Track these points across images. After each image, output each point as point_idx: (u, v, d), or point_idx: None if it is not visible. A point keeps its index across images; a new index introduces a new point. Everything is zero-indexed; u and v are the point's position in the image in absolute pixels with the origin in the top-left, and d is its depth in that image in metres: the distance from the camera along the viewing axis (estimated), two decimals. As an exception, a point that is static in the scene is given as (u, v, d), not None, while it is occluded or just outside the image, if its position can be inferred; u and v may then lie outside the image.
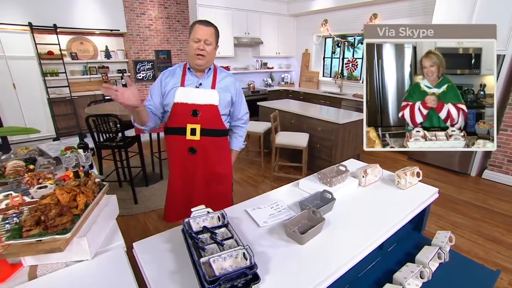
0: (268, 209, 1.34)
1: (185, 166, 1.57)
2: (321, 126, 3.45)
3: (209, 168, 1.59)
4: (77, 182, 1.15)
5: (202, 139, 1.51)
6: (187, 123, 1.49)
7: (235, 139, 1.71)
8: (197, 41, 1.41)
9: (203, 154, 1.54)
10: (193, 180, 1.59)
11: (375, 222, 1.26)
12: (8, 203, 1.24)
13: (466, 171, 3.59)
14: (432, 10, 3.65)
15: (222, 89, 1.53)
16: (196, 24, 1.43)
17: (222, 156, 1.64)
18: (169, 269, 0.97)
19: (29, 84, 4.83)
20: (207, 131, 1.51)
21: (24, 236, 0.89)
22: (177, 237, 1.13)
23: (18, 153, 1.93)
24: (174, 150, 1.58)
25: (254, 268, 0.88)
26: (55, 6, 4.87)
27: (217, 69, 1.57)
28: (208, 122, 1.51)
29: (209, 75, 1.53)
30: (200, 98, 1.48)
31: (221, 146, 1.62)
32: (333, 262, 1.03)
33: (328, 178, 1.48)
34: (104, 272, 0.95)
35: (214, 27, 1.46)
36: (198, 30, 1.41)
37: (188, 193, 1.62)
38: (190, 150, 1.53)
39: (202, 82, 1.51)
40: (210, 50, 1.45)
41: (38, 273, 0.94)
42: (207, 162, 1.57)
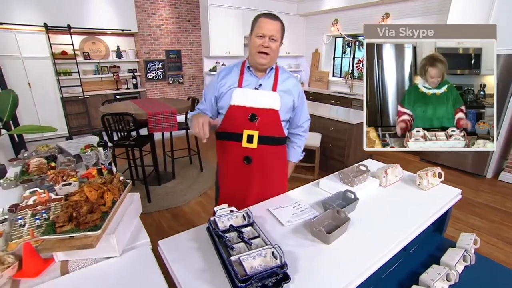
0: (290, 208, 1.33)
1: (239, 178, 1.42)
2: (334, 126, 3.43)
3: (265, 180, 1.44)
4: (103, 180, 1.16)
5: (259, 147, 1.36)
6: (244, 128, 1.34)
7: (293, 149, 1.56)
8: (262, 36, 1.25)
9: (259, 164, 1.40)
10: (246, 192, 1.44)
11: (399, 223, 1.25)
12: (36, 199, 1.27)
13: (482, 173, 3.52)
14: (447, 9, 3.60)
15: (284, 92, 1.37)
16: (260, 18, 1.27)
17: (280, 167, 1.50)
18: (197, 267, 0.97)
19: (43, 84, 4.92)
20: (265, 138, 1.36)
21: (57, 232, 0.90)
22: (202, 235, 1.13)
23: (39, 150, 1.96)
24: (227, 158, 1.43)
25: (285, 267, 0.88)
26: (69, 7, 4.95)
27: (279, 69, 1.41)
28: (267, 129, 1.36)
29: (270, 76, 1.37)
30: (260, 101, 1.33)
31: (279, 156, 1.48)
32: (360, 262, 1.02)
33: (350, 178, 1.46)
34: (133, 269, 0.96)
35: (280, 21, 1.30)
36: (264, 24, 1.24)
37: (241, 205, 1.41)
38: (246, 159, 1.38)
39: (262, 83, 1.36)
40: (275, 47, 1.29)
41: (70, 269, 0.95)
42: (264, 173, 1.42)
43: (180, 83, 6.56)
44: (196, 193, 3.14)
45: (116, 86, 5.87)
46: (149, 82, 6.18)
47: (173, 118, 2.92)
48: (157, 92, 6.35)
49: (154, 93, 6.31)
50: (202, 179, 3.50)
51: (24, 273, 0.90)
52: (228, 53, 5.42)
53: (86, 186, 1.05)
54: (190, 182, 3.41)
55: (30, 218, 1.14)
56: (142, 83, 6.20)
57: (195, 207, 2.89)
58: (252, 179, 1.42)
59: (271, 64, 1.35)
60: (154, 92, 6.30)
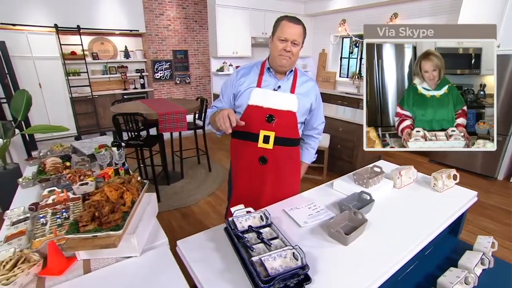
0: (306, 209, 1.33)
1: (253, 177, 1.44)
2: (342, 127, 3.42)
3: (279, 181, 1.45)
4: (121, 180, 1.17)
5: (275, 148, 1.37)
6: (261, 129, 1.35)
7: (307, 150, 1.58)
8: (284, 40, 1.26)
9: (274, 165, 1.41)
10: (259, 192, 1.45)
11: (415, 225, 1.24)
12: (55, 198, 1.29)
13: (493, 175, 3.48)
14: (458, 9, 3.56)
15: (302, 95, 1.39)
16: (283, 21, 1.26)
17: (293, 168, 1.51)
18: (217, 267, 0.97)
19: (53, 84, 4.99)
20: (281, 139, 1.37)
21: (81, 231, 0.92)
22: (219, 236, 1.14)
23: (53, 150, 1.99)
24: (242, 157, 1.44)
25: (306, 268, 0.88)
26: (79, 8, 5.01)
27: (298, 71, 1.42)
28: (283, 130, 1.37)
29: (289, 78, 1.39)
30: (278, 102, 1.34)
31: (293, 156, 1.49)
32: (379, 264, 1.01)
33: (365, 179, 1.46)
34: (153, 269, 0.97)
35: (303, 25, 1.30)
36: (287, 28, 1.25)
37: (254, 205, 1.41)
38: (261, 159, 1.39)
39: (281, 85, 1.37)
40: (297, 51, 1.30)
41: (92, 267, 0.96)
42: (277, 174, 1.44)
43: (187, 83, 6.59)
44: (204, 193, 3.16)
45: (124, 86, 5.93)
46: (156, 82, 6.22)
47: (183, 118, 2.93)
48: (164, 92, 6.38)
49: (161, 93, 6.35)
50: (211, 179, 3.52)
51: (49, 271, 0.91)
52: (236, 53, 5.43)
53: (107, 186, 1.07)
54: (199, 182, 3.43)
55: (51, 216, 1.15)
56: (150, 83, 6.24)
57: (204, 207, 2.91)
58: (266, 179, 1.43)
59: (291, 67, 1.36)
60: (161, 92, 6.34)
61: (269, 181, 1.44)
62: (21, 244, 1.05)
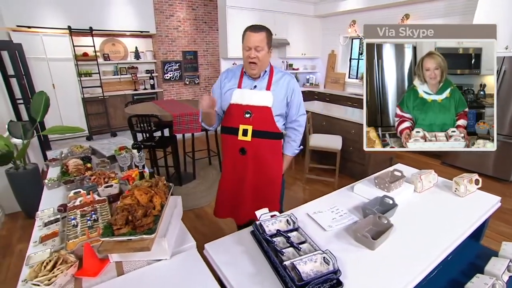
0: (329, 213, 1.34)
1: (236, 166, 1.59)
2: (355, 129, 3.40)
3: (259, 170, 1.58)
4: (149, 183, 1.19)
5: (253, 140, 1.51)
6: (240, 123, 1.51)
7: (288, 144, 1.66)
8: (248, 49, 1.40)
9: (253, 155, 1.54)
10: (243, 181, 1.60)
11: (439, 230, 1.24)
12: (82, 200, 1.31)
13: (508, 178, 3.43)
14: (472, 10, 3.52)
15: (277, 90, 1.51)
16: (246, 32, 1.41)
17: (273, 159, 1.61)
18: (247, 271, 0.99)
19: (66, 85, 5.06)
20: (259, 132, 1.51)
21: (115, 234, 0.94)
22: (246, 239, 1.16)
23: (73, 151, 2.03)
24: (226, 149, 1.61)
25: (338, 273, 0.89)
26: (92, 10, 5.08)
27: (274, 69, 1.55)
28: (261, 124, 1.51)
29: (264, 77, 1.52)
30: (254, 99, 1.49)
31: (273, 149, 1.59)
32: (406, 270, 1.02)
33: (386, 184, 1.46)
34: (184, 271, 0.99)
35: (265, 31, 1.42)
36: (249, 37, 1.39)
37: (237, 193, 1.64)
38: (241, 150, 1.54)
39: (257, 85, 1.52)
40: (262, 56, 1.42)
41: (125, 270, 0.98)
42: (258, 164, 1.56)
43: (196, 84, 6.63)
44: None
45: (134, 86, 5.98)
46: (166, 82, 6.26)
47: (197, 119, 2.96)
48: (174, 93, 6.43)
49: (171, 93, 6.39)
50: (222, 180, 3.53)
51: (85, 272, 0.94)
52: (246, 54, 5.44)
53: (137, 189, 1.09)
54: (211, 183, 3.45)
55: (81, 218, 1.18)
56: (159, 84, 6.29)
57: (217, 208, 2.92)
58: (247, 168, 1.57)
59: (260, 71, 1.50)
60: (171, 92, 6.38)
61: (249, 170, 1.57)
62: (54, 244, 1.07)
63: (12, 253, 2.26)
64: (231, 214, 1.71)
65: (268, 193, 1.64)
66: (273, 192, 1.67)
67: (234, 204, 1.66)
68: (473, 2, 3.57)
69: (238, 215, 1.65)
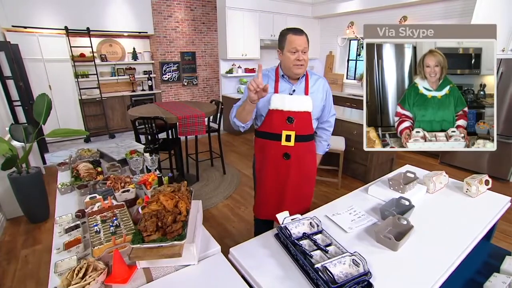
0: (347, 215, 1.36)
1: (278, 170, 1.59)
2: (357, 130, 3.44)
3: (300, 171, 1.60)
4: (172, 188, 1.19)
5: (296, 145, 1.52)
6: (282, 129, 1.50)
7: (320, 143, 1.69)
8: (295, 51, 1.39)
9: (296, 159, 1.55)
10: (285, 183, 1.60)
11: (455, 230, 1.27)
12: (100, 205, 1.30)
13: (505, 177, 3.52)
14: (470, 12, 3.60)
15: (314, 94, 1.53)
16: (289, 34, 1.40)
17: (311, 158, 1.65)
18: (276, 274, 1.00)
19: (63, 86, 4.98)
20: (300, 137, 1.52)
21: (146, 241, 0.93)
22: (269, 242, 1.16)
23: (82, 155, 2.00)
24: (267, 154, 1.59)
25: (369, 275, 0.90)
26: (89, 10, 5.01)
27: (309, 73, 1.56)
28: (302, 129, 1.52)
29: (301, 81, 1.52)
30: (295, 105, 1.48)
31: (310, 149, 1.63)
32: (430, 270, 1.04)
33: (401, 185, 1.48)
34: (214, 276, 0.99)
35: (305, 34, 1.44)
36: (295, 40, 1.39)
37: (279, 194, 1.64)
38: (285, 155, 1.54)
39: (296, 89, 1.50)
40: (307, 58, 1.44)
41: (154, 276, 0.98)
42: (299, 165, 1.58)
43: (195, 85, 6.60)
44: (222, 196, 3.17)
45: (132, 87, 5.92)
46: (164, 84, 6.22)
47: (202, 121, 2.95)
48: (172, 94, 6.39)
49: (169, 94, 6.35)
50: (226, 182, 3.53)
51: (115, 279, 0.93)
52: (245, 55, 5.45)
53: (162, 195, 1.08)
54: (215, 185, 3.44)
55: (102, 224, 1.17)
56: (157, 85, 6.25)
57: (223, 210, 2.92)
58: (290, 172, 1.57)
59: (304, 72, 1.50)
60: (169, 94, 6.34)
61: (292, 173, 1.58)
62: (78, 251, 1.06)
63: (17, 258, 2.22)
64: (271, 216, 1.70)
65: (305, 191, 1.68)
66: (310, 189, 1.72)
67: (276, 206, 1.65)
68: (471, 5, 3.65)
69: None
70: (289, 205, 1.59)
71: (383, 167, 3.71)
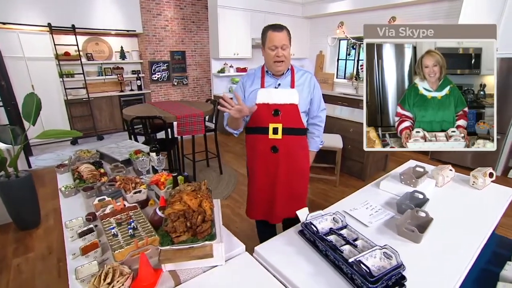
0: (364, 210, 1.36)
1: (267, 165, 1.59)
2: (354, 128, 3.49)
3: (290, 167, 1.60)
4: (192, 187, 1.14)
5: (284, 137, 1.53)
6: (269, 122, 1.51)
7: (312, 139, 1.70)
8: (274, 48, 1.42)
9: (285, 152, 1.56)
10: (275, 178, 1.60)
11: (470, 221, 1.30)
12: (112, 207, 1.24)
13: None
14: (457, 13, 3.74)
15: (301, 87, 1.54)
16: (269, 31, 1.42)
17: (302, 154, 1.65)
18: (307, 271, 0.98)
19: (47, 86, 4.73)
20: (288, 129, 1.53)
21: (175, 242, 0.89)
22: (293, 239, 1.15)
23: (81, 156, 1.91)
24: (256, 149, 1.59)
25: (402, 267, 0.91)
26: (74, 7, 4.81)
27: (294, 68, 1.57)
28: (289, 121, 1.53)
29: (286, 75, 1.54)
30: (281, 97, 1.51)
31: (302, 145, 1.63)
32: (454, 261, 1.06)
33: (413, 179, 1.51)
34: (244, 276, 0.96)
35: (286, 29, 1.45)
36: (273, 37, 1.41)
37: (270, 192, 1.63)
38: (273, 149, 1.54)
39: (281, 82, 1.53)
40: (287, 53, 1.45)
41: (181, 279, 0.94)
42: (289, 160, 1.58)
43: (185, 85, 6.49)
44: (221, 197, 3.12)
45: (120, 87, 5.74)
46: (153, 83, 6.07)
47: (200, 121, 2.90)
48: (162, 94, 6.25)
49: (159, 94, 6.21)
50: (224, 182, 3.49)
51: (141, 283, 0.88)
52: (237, 54, 5.41)
53: (185, 194, 1.04)
54: (213, 186, 3.39)
55: (118, 227, 1.11)
56: (146, 85, 6.09)
57: (224, 211, 2.88)
58: (279, 166, 1.57)
59: (286, 68, 1.52)
60: (159, 93, 6.20)
61: (281, 168, 1.58)
62: (96, 256, 1.00)
63: (9, 268, 2.09)
64: (263, 216, 1.69)
65: (298, 189, 1.66)
66: (303, 187, 1.69)
67: (268, 204, 1.65)
68: (457, 6, 3.80)
69: (272, 215, 1.64)
70: (281, 205, 1.60)
71: (378, 164, 3.78)
